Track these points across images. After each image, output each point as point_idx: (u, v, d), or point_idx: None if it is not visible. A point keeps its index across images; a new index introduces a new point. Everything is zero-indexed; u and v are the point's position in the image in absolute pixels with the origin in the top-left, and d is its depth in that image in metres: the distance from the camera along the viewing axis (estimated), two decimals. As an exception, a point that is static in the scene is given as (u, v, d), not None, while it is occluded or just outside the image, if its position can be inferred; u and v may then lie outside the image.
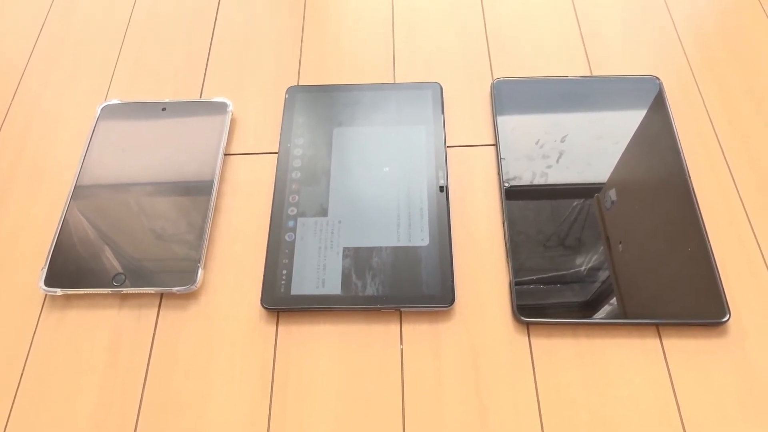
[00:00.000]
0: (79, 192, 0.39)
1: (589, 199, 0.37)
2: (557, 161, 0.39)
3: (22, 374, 0.33)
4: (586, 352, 0.33)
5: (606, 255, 0.35)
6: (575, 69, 0.44)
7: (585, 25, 0.46)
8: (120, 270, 0.35)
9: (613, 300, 0.34)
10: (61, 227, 0.37)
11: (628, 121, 0.41)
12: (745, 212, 0.37)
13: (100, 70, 0.46)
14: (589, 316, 0.33)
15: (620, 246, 0.35)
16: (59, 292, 0.35)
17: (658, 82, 0.42)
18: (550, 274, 0.35)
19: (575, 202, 0.37)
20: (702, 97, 0.42)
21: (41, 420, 0.32)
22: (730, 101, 0.42)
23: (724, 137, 0.40)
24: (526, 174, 0.39)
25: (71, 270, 0.36)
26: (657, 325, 0.33)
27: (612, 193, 0.38)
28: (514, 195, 0.38)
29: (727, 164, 0.39)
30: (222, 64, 0.45)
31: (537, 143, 0.40)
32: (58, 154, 0.42)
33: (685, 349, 0.33)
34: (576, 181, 0.38)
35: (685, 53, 0.45)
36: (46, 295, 0.36)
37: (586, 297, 0.34)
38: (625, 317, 0.33)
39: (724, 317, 0.33)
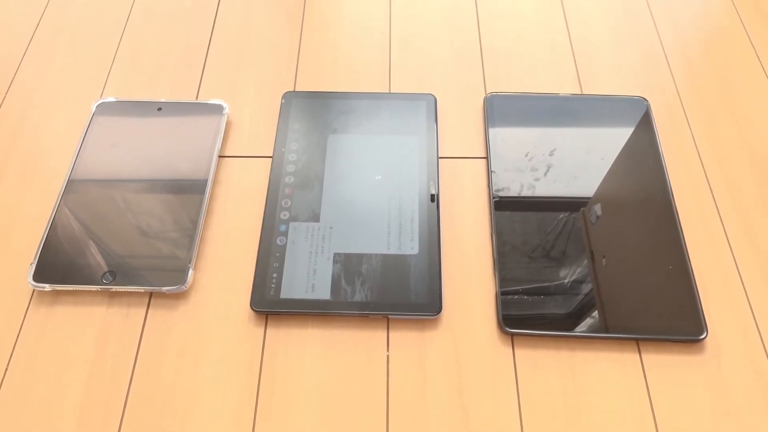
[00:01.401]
0: (71, 188, 0.39)
1: (575, 212, 0.38)
2: (545, 174, 0.40)
3: (7, 369, 0.33)
4: (568, 364, 0.34)
5: (590, 269, 0.36)
6: (566, 87, 0.45)
7: (577, 45, 0.48)
8: (110, 268, 0.36)
9: (596, 313, 0.35)
10: (51, 223, 0.37)
11: (616, 139, 0.42)
12: (725, 233, 0.38)
13: (96, 67, 0.46)
14: (572, 329, 0.34)
15: (604, 260, 0.36)
16: (48, 287, 0.35)
17: (645, 103, 0.44)
18: (535, 286, 0.36)
19: (562, 215, 0.38)
20: (687, 119, 0.44)
21: (26, 415, 0.32)
22: (713, 125, 0.43)
23: (706, 159, 0.42)
24: (515, 186, 0.40)
25: (60, 266, 0.36)
26: (637, 340, 0.34)
27: (597, 208, 0.39)
28: (502, 207, 0.39)
29: (709, 185, 0.40)
30: (219, 67, 0.46)
31: (526, 156, 0.41)
32: (51, 149, 0.42)
33: (663, 364, 0.34)
34: (563, 195, 0.39)
35: (672, 77, 0.46)
36: (34, 290, 0.36)
37: (570, 309, 0.35)
38: (607, 331, 0.34)
39: (701, 335, 0.34)
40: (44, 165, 0.41)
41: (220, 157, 0.41)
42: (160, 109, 0.42)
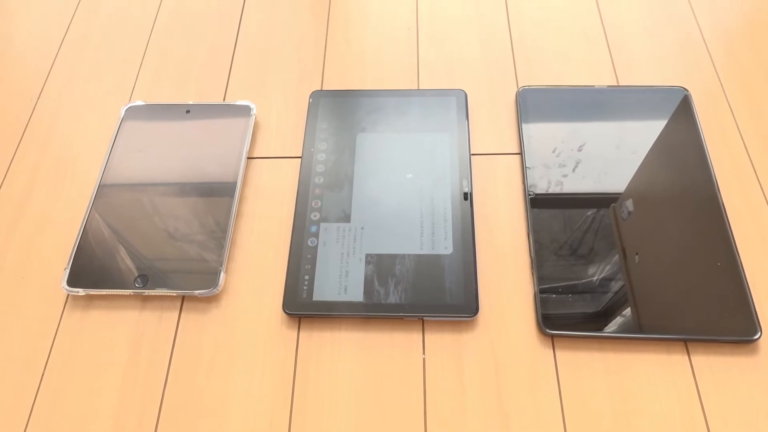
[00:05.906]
0: (102, 192, 0.39)
1: (604, 208, 0.37)
2: (574, 170, 0.39)
3: (43, 374, 0.33)
4: (613, 366, 0.32)
5: (630, 267, 0.35)
6: (602, 78, 0.43)
7: (612, 34, 0.46)
8: (142, 272, 0.35)
9: (639, 313, 0.33)
10: (84, 227, 0.37)
11: (654, 131, 0.40)
12: (776, 227, 0.36)
13: (124, 72, 0.46)
14: (615, 329, 0.33)
15: (637, 257, 0.35)
16: (81, 292, 0.35)
17: (685, 92, 0.42)
18: (575, 285, 0.34)
19: (596, 211, 0.37)
20: (731, 108, 0.42)
21: (61, 419, 0.32)
22: (759, 114, 0.41)
23: (753, 151, 0.40)
24: (550, 182, 0.38)
25: (94, 270, 0.36)
26: (685, 341, 0.33)
27: (629, 204, 0.37)
28: (538, 204, 0.38)
29: (758, 178, 0.38)
30: (246, 67, 0.46)
31: (554, 151, 0.39)
32: (82, 154, 0.42)
33: (714, 366, 0.32)
34: (598, 191, 0.38)
35: (713, 65, 0.44)
36: (68, 294, 0.36)
37: (612, 309, 0.34)
38: (653, 332, 0.33)
39: (755, 335, 0.32)
40: (75, 170, 0.41)
41: (248, 158, 0.41)
42: (188, 111, 0.42)
